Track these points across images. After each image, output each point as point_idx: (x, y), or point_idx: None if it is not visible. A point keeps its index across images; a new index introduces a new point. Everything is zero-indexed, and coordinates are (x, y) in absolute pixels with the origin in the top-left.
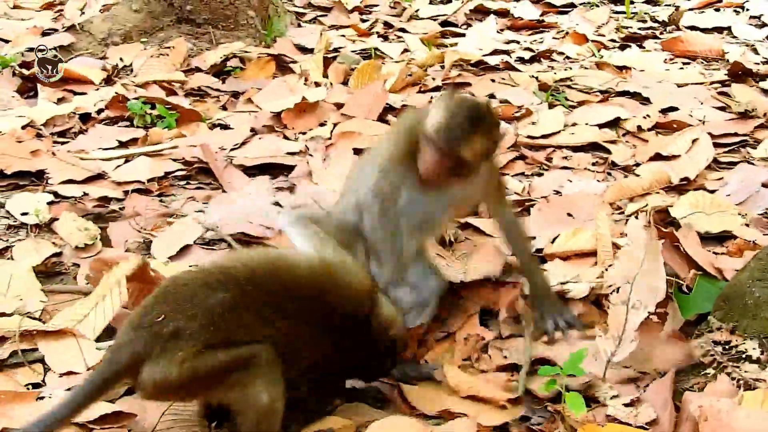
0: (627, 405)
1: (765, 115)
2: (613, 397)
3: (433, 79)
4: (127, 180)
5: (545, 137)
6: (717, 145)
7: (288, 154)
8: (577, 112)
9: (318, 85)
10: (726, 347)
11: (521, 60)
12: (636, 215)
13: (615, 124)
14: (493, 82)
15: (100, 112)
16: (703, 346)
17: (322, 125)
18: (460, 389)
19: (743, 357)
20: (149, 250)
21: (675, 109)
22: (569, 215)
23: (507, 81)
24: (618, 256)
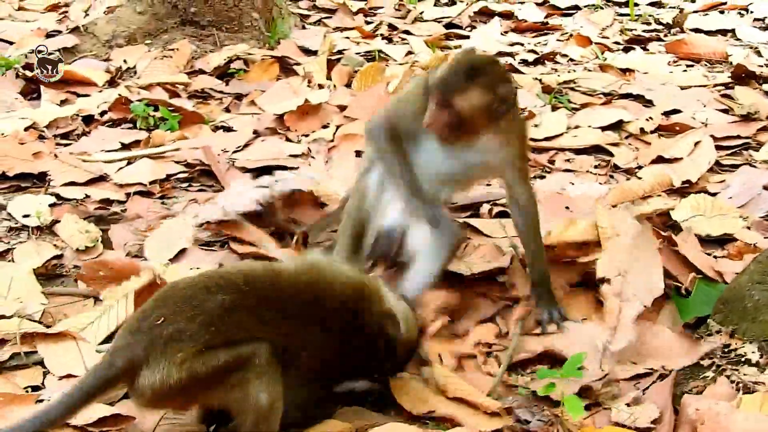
0: (627, 405)
1: None
2: (614, 398)
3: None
4: (129, 182)
5: (548, 140)
6: (719, 148)
7: (290, 156)
8: (580, 114)
9: (321, 88)
10: (725, 350)
11: (525, 62)
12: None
13: (618, 126)
14: None
15: (103, 114)
16: (703, 349)
17: (325, 127)
18: (447, 390)
19: (742, 360)
20: None
21: (678, 112)
22: (567, 208)
23: None
24: (607, 247)
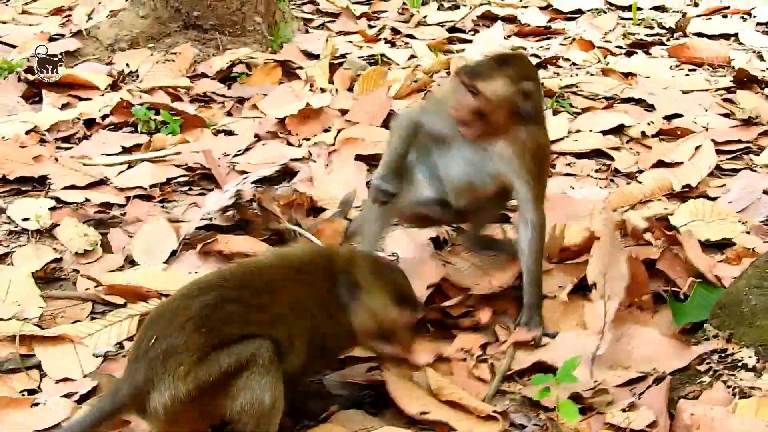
0: (623, 411)
1: None
2: (609, 404)
3: (439, 86)
4: (130, 186)
5: None
6: (720, 152)
7: (291, 160)
8: (582, 118)
9: (323, 91)
10: (722, 355)
11: None
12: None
13: (619, 130)
14: None
15: (104, 117)
16: (699, 353)
17: (326, 131)
18: (440, 393)
19: (739, 365)
20: None
21: (679, 116)
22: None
23: None
24: (592, 253)
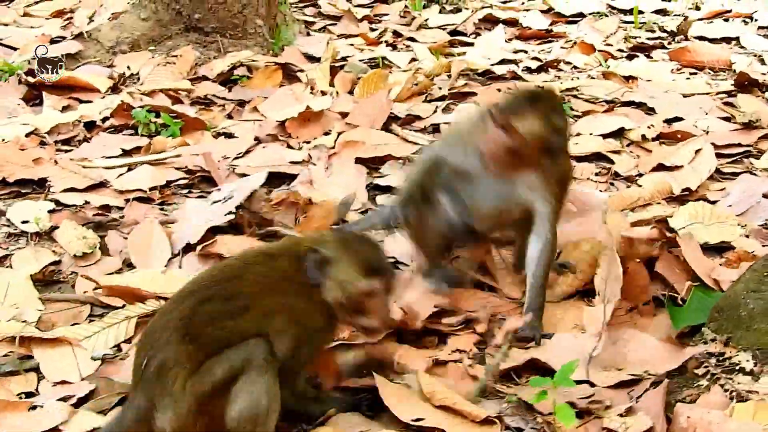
0: (620, 416)
1: None
2: (606, 408)
3: (440, 89)
4: (129, 188)
5: None
6: (720, 156)
7: (291, 163)
8: (582, 122)
9: (324, 94)
10: (719, 359)
11: (528, 69)
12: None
13: (619, 134)
14: (500, 91)
15: (105, 120)
16: (697, 357)
17: (326, 134)
18: (433, 397)
19: (736, 369)
20: None
21: (680, 120)
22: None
23: (513, 91)
24: (600, 263)
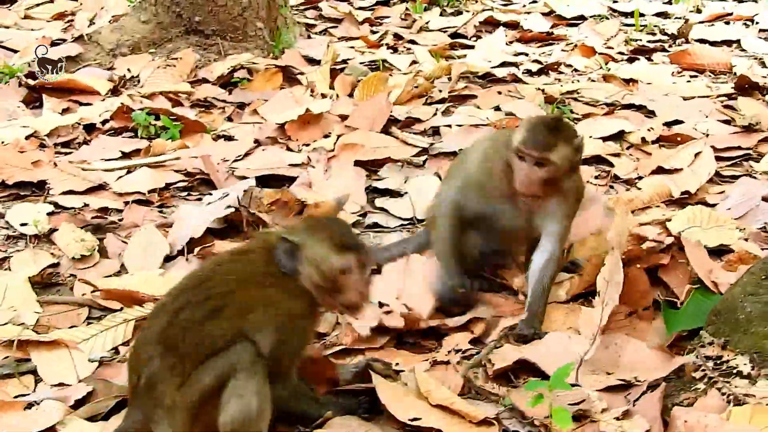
0: (617, 419)
1: None
2: (602, 411)
3: (440, 91)
4: (128, 191)
5: None
6: (720, 159)
7: (290, 165)
8: (582, 124)
9: (324, 97)
10: (717, 362)
11: (529, 72)
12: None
13: (619, 137)
14: (500, 94)
15: (104, 122)
16: (695, 360)
17: (326, 137)
18: (430, 397)
19: (734, 372)
20: None
21: (680, 123)
22: None
23: (513, 93)
24: (605, 262)
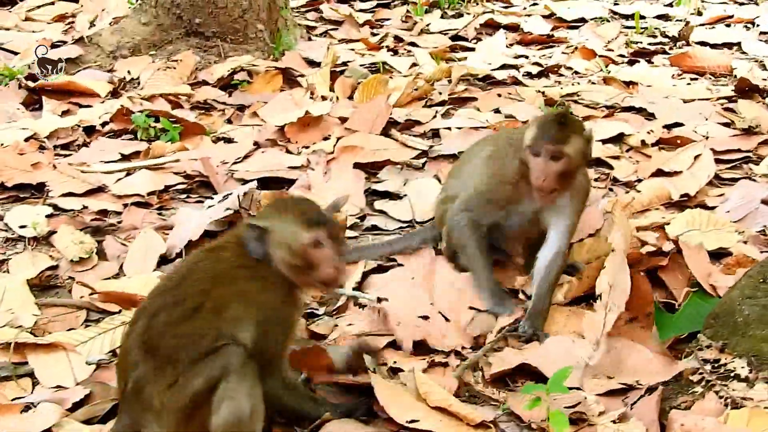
0: (614, 422)
1: None
2: (600, 414)
3: (440, 94)
4: (127, 193)
5: None
6: (719, 161)
7: (290, 168)
8: None
9: (324, 99)
10: (715, 365)
11: (529, 75)
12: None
13: (619, 139)
14: (500, 96)
15: (104, 125)
16: (692, 363)
17: (325, 139)
18: (428, 398)
19: (731, 375)
20: None
21: (680, 125)
22: None
23: (513, 96)
24: (605, 264)
